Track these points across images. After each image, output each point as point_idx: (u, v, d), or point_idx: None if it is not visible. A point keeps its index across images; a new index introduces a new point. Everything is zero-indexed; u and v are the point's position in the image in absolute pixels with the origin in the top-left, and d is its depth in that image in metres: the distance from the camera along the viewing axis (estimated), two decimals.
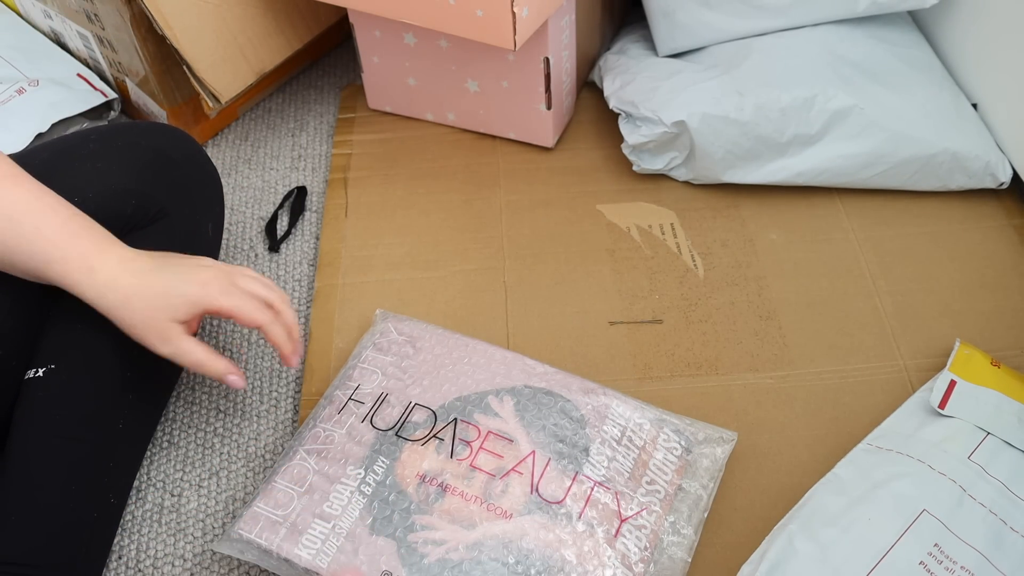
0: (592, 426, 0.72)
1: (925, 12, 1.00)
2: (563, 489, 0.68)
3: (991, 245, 0.89)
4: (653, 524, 0.67)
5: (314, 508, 0.68)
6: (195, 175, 0.78)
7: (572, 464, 0.69)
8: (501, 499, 0.68)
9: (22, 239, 0.62)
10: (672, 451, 0.71)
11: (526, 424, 0.72)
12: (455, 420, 0.72)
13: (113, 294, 0.63)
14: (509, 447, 0.71)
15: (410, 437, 0.72)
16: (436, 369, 0.76)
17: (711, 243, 0.91)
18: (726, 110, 0.88)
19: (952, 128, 0.90)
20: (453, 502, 0.68)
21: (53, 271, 0.62)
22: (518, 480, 0.68)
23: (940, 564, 0.61)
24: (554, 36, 0.90)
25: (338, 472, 0.70)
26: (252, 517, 0.68)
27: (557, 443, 0.70)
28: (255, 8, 0.96)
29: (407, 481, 0.69)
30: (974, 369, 0.74)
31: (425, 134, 1.05)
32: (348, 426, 0.73)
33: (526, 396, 0.74)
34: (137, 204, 0.72)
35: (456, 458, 0.70)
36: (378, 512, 0.68)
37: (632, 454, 0.70)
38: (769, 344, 0.83)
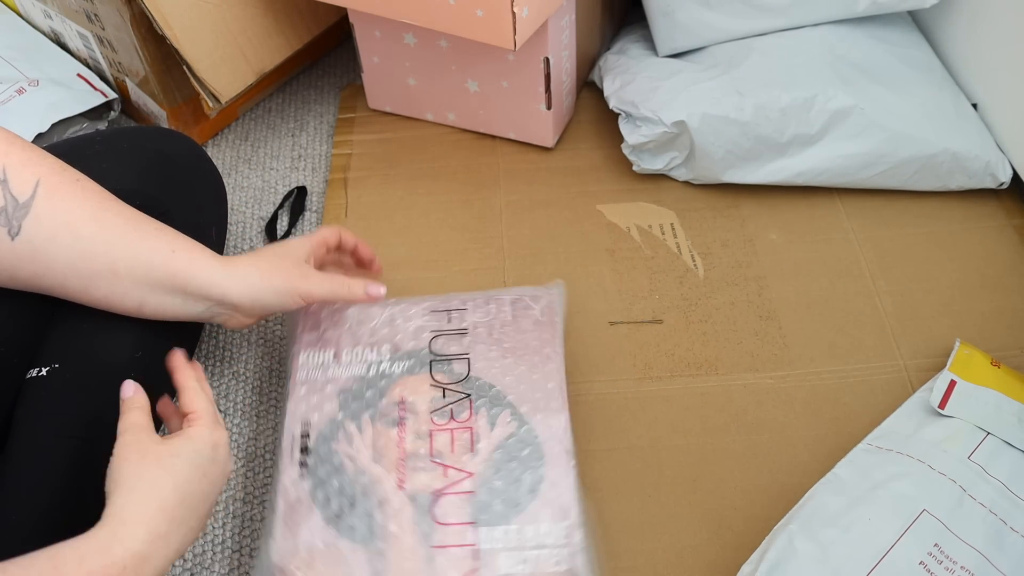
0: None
1: (925, 12, 1.00)
2: (454, 536, 0.65)
3: (991, 245, 0.89)
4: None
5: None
6: (199, 179, 0.79)
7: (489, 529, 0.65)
8: (410, 475, 0.67)
9: (146, 235, 0.64)
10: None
11: (492, 461, 0.68)
12: (469, 395, 0.72)
13: (237, 264, 0.66)
14: (463, 457, 0.68)
15: (436, 370, 0.73)
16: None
17: (711, 243, 0.91)
18: (726, 110, 0.88)
19: (952, 128, 0.90)
20: (390, 437, 0.69)
21: (178, 259, 0.64)
22: (431, 488, 0.67)
23: (940, 564, 0.61)
24: (554, 36, 0.91)
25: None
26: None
27: (497, 501, 0.67)
28: (255, 8, 0.96)
29: (394, 392, 0.72)
30: (974, 369, 0.74)
31: (425, 134, 1.05)
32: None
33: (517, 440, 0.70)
34: (141, 205, 0.72)
35: (434, 417, 0.70)
36: (356, 391, 0.72)
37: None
38: (769, 344, 0.83)
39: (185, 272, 0.63)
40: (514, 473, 0.67)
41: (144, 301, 0.64)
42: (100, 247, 0.62)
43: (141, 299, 0.64)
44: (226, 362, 0.86)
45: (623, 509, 0.72)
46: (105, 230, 0.62)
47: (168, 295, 0.64)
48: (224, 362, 0.86)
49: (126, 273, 0.63)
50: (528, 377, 0.72)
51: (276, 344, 0.87)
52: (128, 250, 0.62)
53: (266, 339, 0.88)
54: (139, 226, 0.64)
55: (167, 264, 0.63)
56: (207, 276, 0.64)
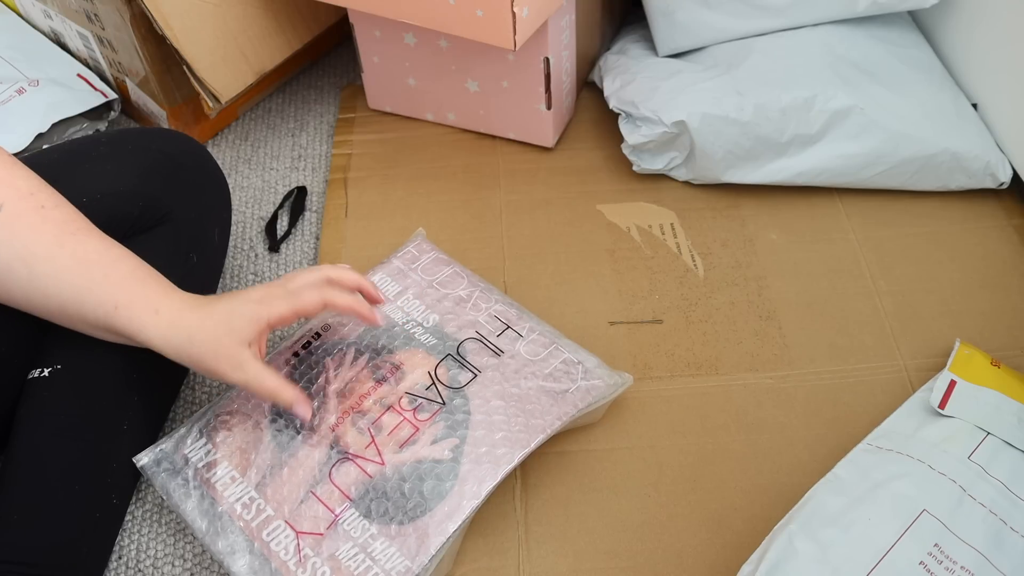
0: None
1: (925, 12, 1.00)
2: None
3: (991, 245, 0.89)
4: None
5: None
6: (202, 180, 0.79)
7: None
8: (348, 426, 0.70)
9: (93, 284, 0.63)
10: None
11: (405, 469, 0.68)
12: (444, 406, 0.72)
13: (179, 332, 0.63)
14: (389, 445, 0.69)
15: (445, 364, 0.75)
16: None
17: (711, 243, 0.91)
18: (726, 110, 0.88)
19: (952, 128, 0.90)
20: (364, 386, 0.72)
21: (120, 316, 0.63)
22: (348, 448, 0.69)
23: (940, 564, 0.61)
24: (554, 36, 0.90)
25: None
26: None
27: (381, 501, 0.67)
28: (255, 8, 0.96)
29: (400, 355, 0.75)
30: (974, 369, 0.74)
31: (425, 134, 1.05)
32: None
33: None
34: (144, 206, 0.72)
35: (403, 400, 0.72)
36: (379, 332, 0.77)
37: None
38: (769, 344, 0.83)
39: (125, 329, 0.63)
40: (409, 491, 0.67)
41: (94, 335, 0.66)
42: (52, 288, 0.62)
43: (91, 333, 0.66)
44: None
45: (623, 509, 0.72)
46: (57, 272, 0.62)
47: (116, 337, 0.65)
48: None
49: (76, 316, 0.64)
50: (508, 427, 0.70)
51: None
52: (76, 297, 0.62)
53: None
54: (88, 273, 0.63)
55: (110, 318, 0.63)
56: (145, 336, 0.63)
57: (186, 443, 0.70)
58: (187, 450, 0.70)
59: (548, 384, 0.73)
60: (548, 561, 0.70)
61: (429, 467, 0.68)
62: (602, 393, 0.73)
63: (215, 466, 0.69)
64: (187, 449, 0.70)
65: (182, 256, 0.75)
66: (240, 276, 0.93)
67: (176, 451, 0.70)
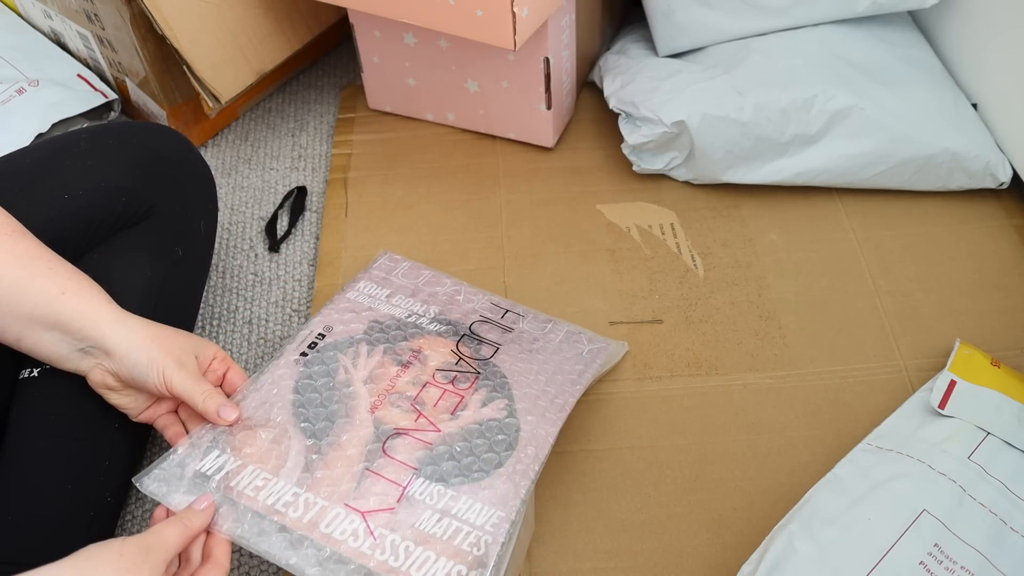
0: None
1: (925, 12, 1.00)
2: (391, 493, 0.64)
3: (991, 245, 0.89)
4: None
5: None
6: (186, 173, 0.78)
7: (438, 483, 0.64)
8: (387, 406, 0.68)
9: (36, 274, 0.62)
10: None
11: (465, 430, 0.68)
12: (479, 374, 0.72)
13: (133, 320, 0.63)
14: (440, 415, 0.68)
15: (464, 343, 0.75)
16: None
17: (711, 243, 0.91)
18: (726, 110, 0.88)
19: (952, 128, 0.90)
20: (389, 371, 0.71)
21: (66, 302, 0.62)
22: (397, 424, 0.67)
23: (940, 564, 0.61)
24: (554, 36, 0.90)
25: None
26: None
27: (448, 463, 0.65)
28: (255, 8, 0.96)
29: (416, 342, 0.74)
30: (974, 369, 0.74)
31: (425, 134, 1.05)
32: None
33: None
34: (127, 201, 0.72)
35: (437, 375, 0.71)
36: (386, 326, 0.75)
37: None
38: (769, 344, 0.83)
39: (71, 313, 0.62)
40: (478, 449, 0.66)
41: (22, 336, 0.62)
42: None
43: (19, 334, 0.62)
44: None
45: (623, 509, 0.72)
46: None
47: (46, 332, 0.62)
48: None
49: (7, 308, 0.61)
50: (542, 388, 0.72)
51: (276, 344, 0.87)
52: (14, 288, 0.61)
53: (266, 339, 0.88)
54: (31, 265, 0.62)
55: (52, 305, 0.61)
56: (92, 318, 0.62)
57: (196, 459, 0.63)
58: (200, 465, 0.63)
59: (564, 348, 0.76)
60: (548, 561, 0.70)
61: (490, 424, 0.68)
62: (610, 353, 0.78)
63: (239, 473, 0.62)
64: (199, 464, 0.63)
65: (167, 250, 0.74)
66: (240, 276, 0.93)
67: (185, 470, 0.63)
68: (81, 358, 0.64)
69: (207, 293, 0.91)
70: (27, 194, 0.69)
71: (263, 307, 0.90)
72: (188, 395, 0.63)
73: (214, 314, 0.90)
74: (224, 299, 0.91)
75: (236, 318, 0.90)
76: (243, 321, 0.89)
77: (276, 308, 0.90)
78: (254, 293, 0.92)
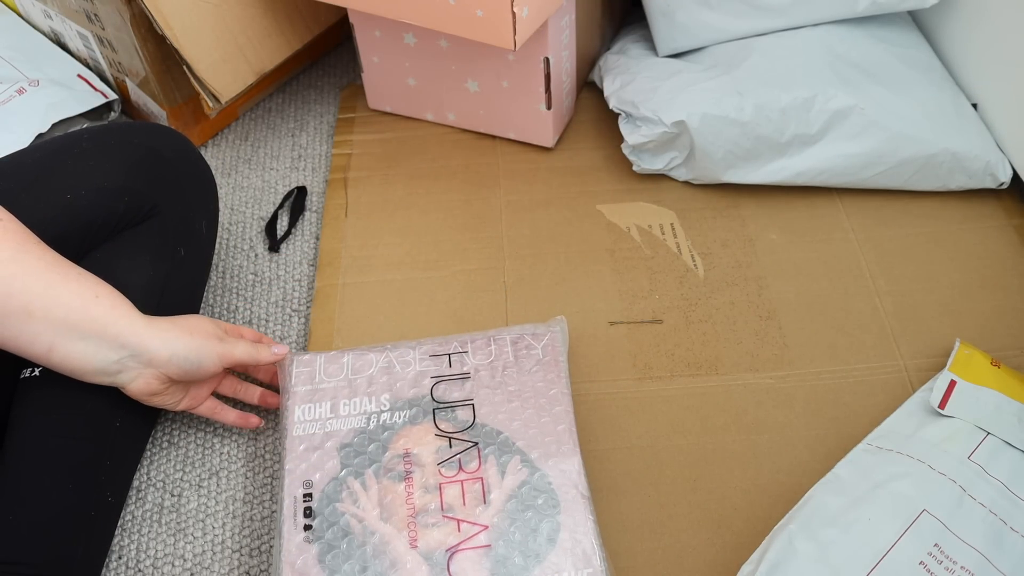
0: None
1: (925, 12, 1.00)
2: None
3: (991, 245, 0.89)
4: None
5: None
6: (188, 173, 0.78)
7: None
8: (422, 532, 0.66)
9: (68, 279, 0.62)
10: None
11: (507, 511, 0.67)
12: (477, 444, 0.70)
13: (161, 321, 0.66)
14: (476, 510, 0.67)
15: (440, 419, 0.72)
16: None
17: (711, 243, 0.91)
18: (726, 110, 0.88)
19: (952, 128, 0.90)
20: (398, 493, 0.67)
21: (100, 304, 0.62)
22: (445, 545, 0.65)
23: (940, 564, 0.61)
24: (554, 36, 0.90)
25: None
26: None
27: (515, 554, 0.65)
28: (255, 8, 0.96)
29: (397, 444, 0.70)
30: (974, 369, 0.74)
31: (425, 134, 1.05)
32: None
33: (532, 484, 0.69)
34: (130, 201, 0.72)
35: (442, 468, 0.69)
36: (357, 445, 0.71)
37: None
38: (769, 344, 0.83)
39: (105, 317, 0.62)
40: (530, 523, 0.66)
41: (54, 345, 0.61)
42: (17, 286, 0.60)
43: (51, 343, 0.61)
44: None
45: (623, 509, 0.72)
46: (25, 272, 0.60)
47: (81, 340, 0.62)
48: None
49: (42, 314, 0.60)
50: (536, 421, 0.71)
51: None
52: (47, 291, 0.60)
53: None
54: (61, 270, 0.62)
55: (87, 308, 0.61)
56: (127, 323, 0.62)
57: None
58: None
59: (524, 362, 0.75)
60: None
61: (522, 493, 0.67)
62: (561, 339, 0.77)
63: None
64: None
65: (170, 250, 0.74)
66: (240, 276, 0.93)
67: None
68: (117, 371, 0.64)
69: (207, 293, 0.91)
70: (29, 194, 0.69)
71: (263, 307, 0.90)
72: (250, 357, 0.71)
73: (214, 314, 0.90)
74: (224, 299, 0.91)
75: (236, 318, 0.90)
76: (243, 321, 0.89)
77: (276, 308, 0.90)
78: (254, 293, 0.92)
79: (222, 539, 0.74)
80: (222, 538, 0.74)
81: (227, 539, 0.74)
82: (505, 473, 0.68)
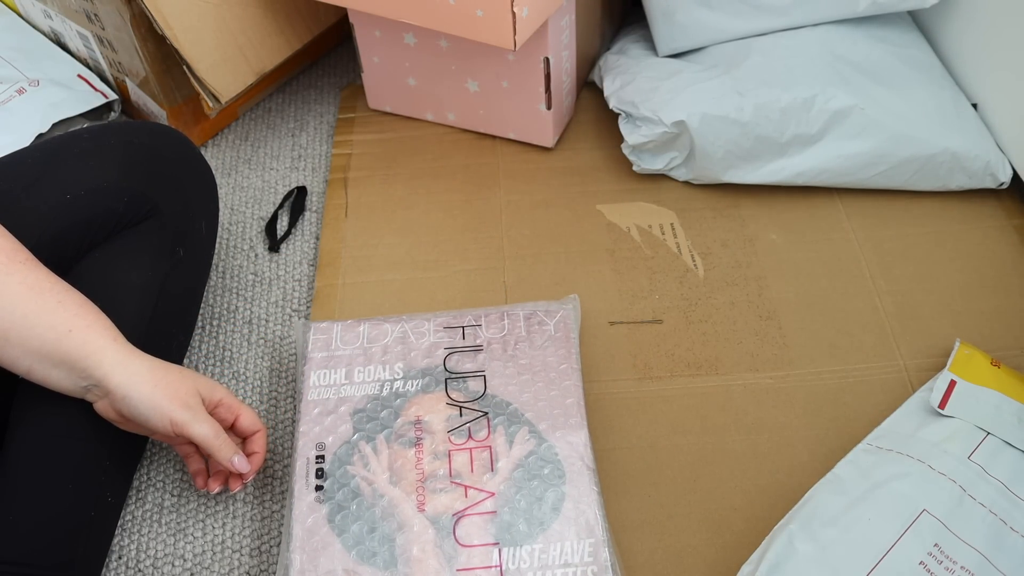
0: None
1: (925, 12, 1.00)
2: (477, 559, 0.64)
3: (991, 245, 0.89)
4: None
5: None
6: (187, 173, 0.78)
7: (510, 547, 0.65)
8: (430, 497, 0.67)
9: (45, 310, 0.61)
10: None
11: (513, 480, 0.68)
12: (487, 413, 0.72)
13: (139, 360, 0.64)
14: (483, 477, 0.68)
15: (452, 388, 0.73)
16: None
17: (711, 243, 0.91)
18: (726, 110, 0.88)
19: (952, 128, 0.90)
20: (407, 458, 0.69)
21: (73, 339, 0.62)
22: (452, 510, 0.66)
23: (940, 564, 0.61)
24: (554, 36, 0.90)
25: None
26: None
27: (520, 521, 0.66)
28: (255, 8, 0.96)
29: (409, 411, 0.72)
30: (974, 369, 0.74)
31: (425, 134, 1.05)
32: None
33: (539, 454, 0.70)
34: (129, 201, 0.72)
35: (451, 436, 0.70)
36: (370, 411, 0.72)
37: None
38: (769, 344, 0.83)
39: (77, 352, 0.62)
40: (536, 492, 0.67)
41: (32, 369, 0.62)
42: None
43: (29, 366, 0.62)
44: (226, 362, 0.86)
45: (623, 509, 0.72)
46: (3, 298, 0.60)
47: (54, 368, 0.62)
48: (224, 362, 0.86)
49: (17, 342, 0.61)
50: (545, 394, 0.73)
51: (276, 344, 0.87)
52: (24, 321, 0.61)
53: (266, 339, 0.88)
54: (40, 299, 0.61)
55: (60, 342, 0.61)
56: (96, 359, 0.62)
57: None
58: None
59: (535, 338, 0.76)
60: None
61: (530, 462, 0.68)
62: (573, 317, 0.79)
63: None
64: None
65: (169, 250, 0.74)
66: (240, 276, 0.93)
67: None
68: (85, 392, 0.64)
69: (207, 293, 0.91)
70: (29, 194, 0.69)
71: (263, 307, 0.90)
72: (204, 443, 0.65)
73: (214, 314, 0.90)
74: (224, 299, 0.91)
75: (236, 318, 0.90)
76: (243, 321, 0.89)
77: (276, 308, 0.90)
78: (254, 293, 0.92)
79: (222, 539, 0.74)
80: (222, 538, 0.74)
81: (227, 539, 0.74)
82: (513, 443, 0.70)
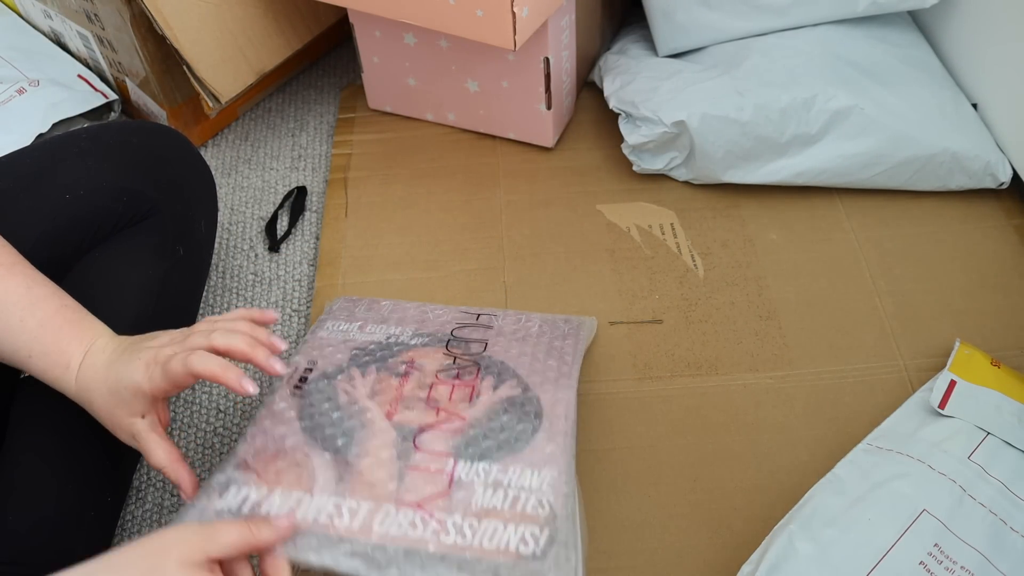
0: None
1: (925, 12, 1.00)
2: (433, 484, 0.60)
3: (991, 245, 0.89)
4: None
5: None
6: (186, 172, 0.78)
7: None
8: (402, 410, 0.65)
9: (7, 330, 0.61)
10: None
11: (489, 409, 0.67)
12: (479, 364, 0.71)
13: (83, 393, 0.62)
14: (459, 405, 0.66)
15: (452, 346, 0.73)
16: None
17: (711, 243, 0.91)
18: (726, 110, 0.88)
19: (952, 128, 0.90)
20: (391, 384, 0.68)
21: (34, 366, 0.62)
22: (419, 422, 0.64)
23: (940, 564, 0.61)
24: (554, 36, 0.90)
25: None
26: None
27: (485, 440, 0.64)
28: (255, 8, 0.96)
29: (405, 355, 0.72)
30: (974, 369, 0.74)
31: (425, 134, 1.05)
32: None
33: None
34: (128, 201, 0.72)
35: (440, 374, 0.69)
36: (370, 350, 0.72)
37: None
38: (769, 344, 0.83)
39: (41, 379, 0.62)
40: (509, 423, 0.64)
41: (26, 367, 0.63)
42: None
43: (21, 364, 0.63)
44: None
45: (623, 509, 0.72)
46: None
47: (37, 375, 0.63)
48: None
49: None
50: (542, 362, 0.71)
51: None
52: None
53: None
54: (4, 316, 0.61)
55: (25, 366, 0.62)
56: (59, 388, 0.62)
57: (214, 501, 0.57)
58: (223, 504, 0.57)
59: (546, 331, 0.76)
60: None
61: (511, 400, 0.67)
62: (587, 327, 0.79)
63: (268, 499, 0.58)
64: (219, 504, 0.57)
65: (168, 250, 0.74)
66: (240, 276, 0.93)
67: (204, 515, 0.57)
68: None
69: (207, 293, 0.91)
70: (29, 194, 0.69)
71: (263, 307, 0.90)
72: (161, 459, 0.61)
73: (214, 314, 0.90)
74: (224, 299, 0.91)
75: None
76: None
77: (276, 308, 0.90)
78: (254, 293, 0.92)
79: None
80: None
81: None
82: (499, 387, 0.68)
